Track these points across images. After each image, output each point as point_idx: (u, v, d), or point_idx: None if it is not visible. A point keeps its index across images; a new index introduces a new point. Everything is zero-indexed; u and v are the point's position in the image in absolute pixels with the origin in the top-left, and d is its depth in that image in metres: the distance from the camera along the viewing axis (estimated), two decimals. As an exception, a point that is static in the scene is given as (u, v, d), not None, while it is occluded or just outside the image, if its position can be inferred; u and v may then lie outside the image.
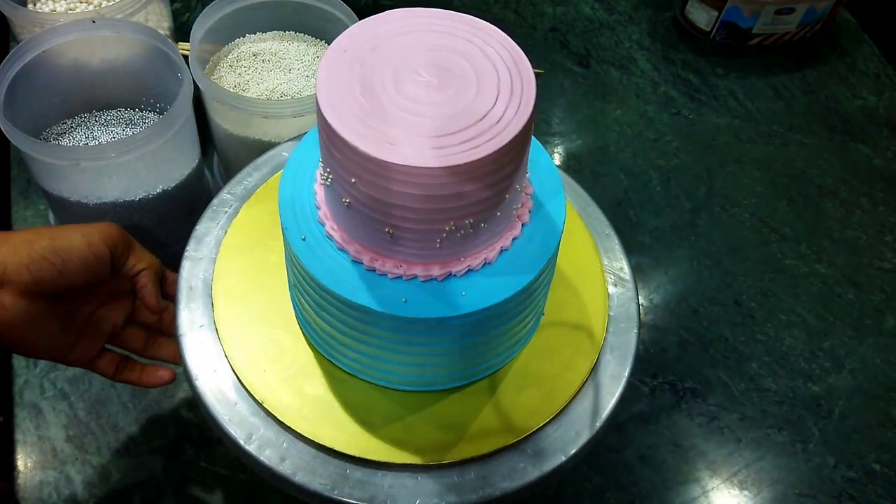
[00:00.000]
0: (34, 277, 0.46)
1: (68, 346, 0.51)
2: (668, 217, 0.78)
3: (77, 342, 0.51)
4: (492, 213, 0.39)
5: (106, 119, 0.68)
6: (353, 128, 0.35)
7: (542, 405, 0.46)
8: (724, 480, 0.62)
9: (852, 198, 0.81)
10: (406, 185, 0.35)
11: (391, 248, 0.39)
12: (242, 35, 0.71)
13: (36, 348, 0.49)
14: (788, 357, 0.69)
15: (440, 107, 0.36)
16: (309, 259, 0.41)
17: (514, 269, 0.41)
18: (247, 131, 0.64)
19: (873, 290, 0.74)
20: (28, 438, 0.59)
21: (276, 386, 0.45)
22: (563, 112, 0.86)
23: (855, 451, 0.64)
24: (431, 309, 0.39)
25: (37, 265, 0.46)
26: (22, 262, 0.46)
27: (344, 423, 0.44)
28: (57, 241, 0.47)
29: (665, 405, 0.65)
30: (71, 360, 0.51)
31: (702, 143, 0.84)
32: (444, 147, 0.35)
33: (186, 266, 0.50)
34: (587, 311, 0.50)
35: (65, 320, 0.50)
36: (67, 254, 0.47)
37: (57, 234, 0.48)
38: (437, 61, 0.38)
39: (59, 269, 0.47)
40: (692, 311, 0.71)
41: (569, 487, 0.60)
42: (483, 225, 0.39)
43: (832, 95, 0.90)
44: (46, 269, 0.46)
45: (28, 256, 0.46)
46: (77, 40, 0.62)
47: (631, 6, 0.97)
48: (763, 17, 0.89)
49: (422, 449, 0.43)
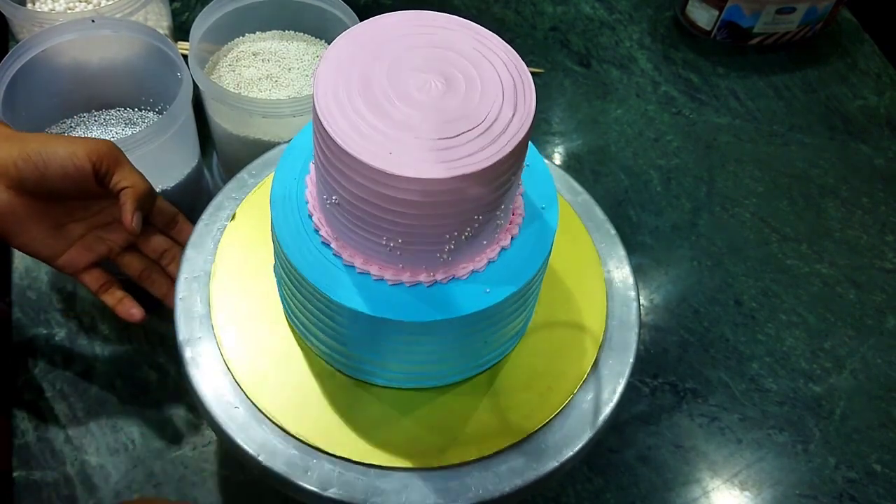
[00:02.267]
0: (20, 175, 0.50)
1: (55, 251, 0.54)
2: (668, 217, 0.77)
3: (66, 250, 0.54)
4: (486, 218, 0.38)
5: (105, 118, 0.68)
6: (350, 134, 0.35)
7: (541, 405, 0.46)
8: (725, 481, 0.62)
9: (853, 198, 0.81)
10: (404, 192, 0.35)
11: (384, 252, 0.39)
12: (242, 34, 0.71)
13: (21, 243, 0.53)
14: (789, 357, 0.69)
15: (440, 112, 0.36)
16: (299, 260, 0.40)
17: (508, 272, 0.41)
18: (246, 131, 0.64)
19: (874, 290, 0.74)
20: (28, 439, 0.59)
21: (276, 388, 0.45)
22: (564, 112, 0.85)
23: (856, 452, 0.64)
24: (424, 313, 0.39)
25: (23, 163, 0.50)
26: (11, 158, 0.49)
27: (340, 428, 0.44)
28: (45, 145, 0.50)
29: (665, 406, 0.65)
30: (57, 265, 0.54)
31: (702, 143, 0.84)
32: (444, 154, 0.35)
33: (185, 266, 0.50)
34: (587, 311, 0.49)
35: (55, 225, 0.53)
36: (50, 159, 0.50)
37: (48, 140, 0.51)
38: (436, 66, 0.37)
39: (41, 171, 0.50)
40: (693, 312, 0.71)
41: (569, 488, 0.60)
42: (479, 229, 0.39)
43: (833, 95, 0.90)
44: (30, 169, 0.50)
45: (18, 154, 0.50)
46: (76, 40, 0.62)
47: (631, 5, 0.97)
48: (764, 17, 0.89)
49: (420, 452, 0.43)
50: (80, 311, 0.65)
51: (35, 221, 0.52)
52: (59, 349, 0.63)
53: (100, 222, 0.56)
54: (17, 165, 0.50)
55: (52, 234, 0.53)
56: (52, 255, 0.54)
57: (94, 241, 0.55)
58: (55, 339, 0.64)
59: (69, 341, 0.64)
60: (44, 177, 0.50)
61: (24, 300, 0.65)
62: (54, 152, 0.50)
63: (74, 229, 0.55)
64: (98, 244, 0.55)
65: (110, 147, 0.52)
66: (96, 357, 0.63)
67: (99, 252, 0.55)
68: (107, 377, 0.62)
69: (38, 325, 0.64)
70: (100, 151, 0.51)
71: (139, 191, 0.52)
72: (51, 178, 0.50)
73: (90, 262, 0.55)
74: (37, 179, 0.50)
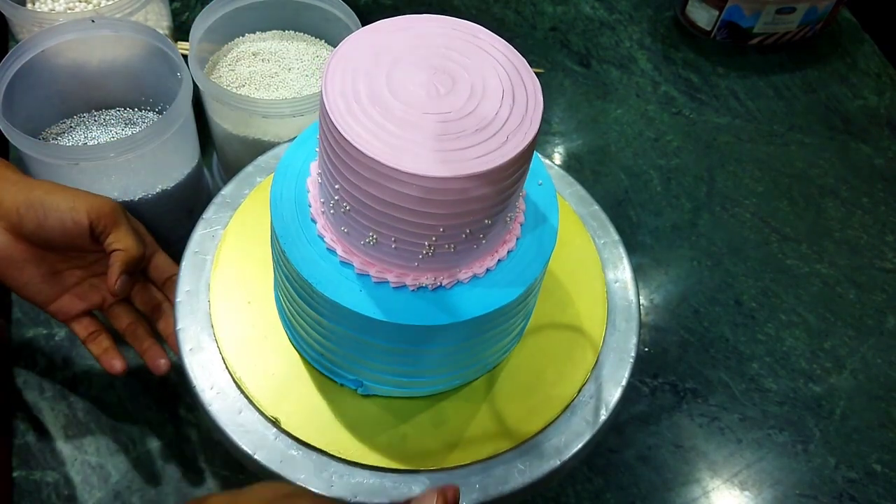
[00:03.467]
0: (21, 221, 0.50)
1: (48, 297, 0.54)
2: (668, 217, 0.77)
3: (60, 296, 0.55)
4: (491, 222, 0.38)
5: (105, 119, 0.68)
6: (361, 133, 0.35)
7: (542, 406, 0.46)
8: (725, 481, 0.62)
9: (853, 198, 0.81)
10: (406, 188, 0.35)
11: (384, 254, 0.39)
12: (242, 34, 0.71)
13: (16, 286, 0.53)
14: (789, 357, 0.69)
15: (448, 113, 0.36)
16: (299, 260, 0.40)
17: (509, 276, 0.41)
18: (246, 131, 0.64)
19: (874, 290, 0.74)
20: (27, 439, 0.59)
21: (277, 388, 0.45)
22: (564, 112, 0.85)
23: (856, 452, 0.64)
24: (425, 317, 0.39)
25: (24, 210, 0.50)
26: (15, 204, 0.50)
27: (340, 430, 0.44)
28: (49, 196, 0.51)
29: (665, 406, 0.65)
30: (49, 310, 0.55)
31: (702, 143, 0.84)
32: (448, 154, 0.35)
33: (185, 266, 0.50)
34: (587, 312, 0.49)
35: (51, 272, 0.54)
36: (50, 211, 0.50)
37: (53, 191, 0.51)
38: (444, 68, 0.37)
39: (40, 220, 0.51)
40: (693, 312, 0.71)
41: (569, 488, 0.60)
42: (481, 234, 0.39)
43: (833, 95, 0.90)
44: (30, 217, 0.50)
45: (22, 200, 0.50)
46: (76, 40, 0.62)
47: (631, 5, 0.97)
48: (764, 17, 0.89)
49: (421, 454, 0.43)
50: (79, 311, 0.65)
51: (31, 266, 0.53)
52: (59, 349, 0.63)
53: (95, 272, 0.56)
54: (20, 212, 0.50)
55: (46, 279, 0.54)
56: (46, 301, 0.54)
57: (87, 290, 0.56)
58: (55, 340, 0.64)
59: (69, 341, 0.64)
60: (41, 227, 0.51)
61: (25, 300, 0.65)
62: (56, 204, 0.51)
63: (69, 277, 0.55)
64: (91, 293, 0.56)
65: (112, 207, 0.52)
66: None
67: (92, 301, 0.56)
68: (107, 377, 0.62)
69: (38, 326, 0.64)
70: (100, 210, 0.51)
71: (130, 255, 0.52)
72: (48, 229, 0.51)
73: (82, 310, 0.55)
74: (35, 228, 0.51)
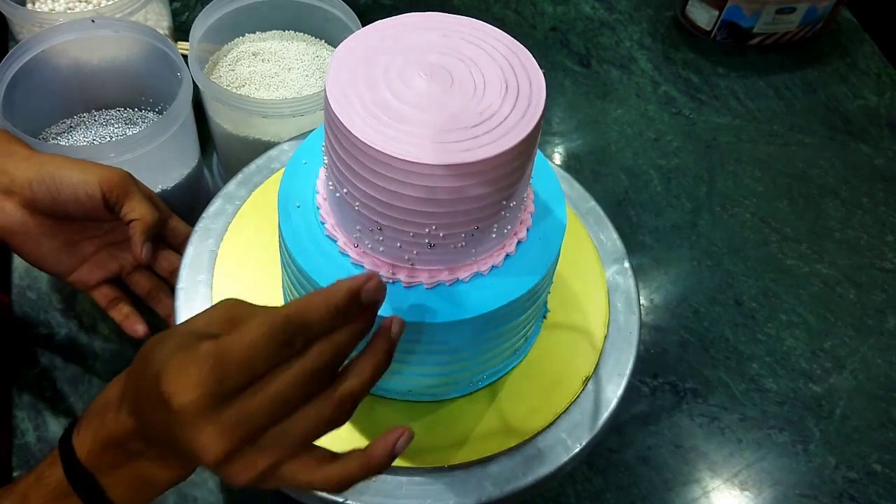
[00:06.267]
0: (34, 195, 0.51)
1: (67, 268, 0.55)
2: (668, 217, 0.77)
3: (78, 266, 0.55)
4: (498, 217, 0.38)
5: (105, 119, 0.68)
6: (364, 126, 0.35)
7: (542, 406, 0.46)
8: (725, 481, 0.62)
9: (853, 198, 0.81)
10: (409, 182, 0.35)
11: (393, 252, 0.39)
12: (242, 34, 0.71)
13: (34, 259, 0.54)
14: (789, 357, 0.69)
15: (449, 106, 0.36)
16: (306, 260, 0.40)
17: (517, 273, 0.41)
18: (246, 131, 0.64)
19: (874, 290, 0.74)
20: (27, 439, 0.59)
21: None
22: (564, 112, 0.85)
23: (856, 452, 0.64)
24: (433, 314, 0.39)
25: (37, 185, 0.51)
26: (27, 179, 0.51)
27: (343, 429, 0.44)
28: (60, 170, 0.51)
29: (666, 406, 0.65)
30: (69, 281, 0.56)
31: (702, 143, 0.84)
32: (449, 145, 0.35)
33: (185, 266, 0.50)
34: (588, 312, 0.49)
35: (68, 243, 0.54)
36: (62, 184, 0.51)
37: (64, 165, 0.52)
38: (447, 63, 0.37)
39: (53, 195, 0.51)
40: (693, 312, 0.71)
41: (569, 488, 0.60)
42: (488, 229, 0.39)
43: (833, 95, 0.90)
44: (43, 191, 0.51)
45: (34, 175, 0.51)
46: (76, 40, 0.62)
47: (631, 5, 0.97)
48: (764, 17, 0.89)
49: (423, 453, 0.43)
50: (80, 311, 0.65)
51: (48, 239, 0.53)
52: (59, 349, 0.63)
53: (112, 240, 0.56)
54: (32, 187, 0.51)
55: (64, 251, 0.54)
56: (65, 272, 0.55)
57: (105, 259, 0.56)
58: (55, 340, 0.64)
59: (69, 341, 0.64)
60: (55, 200, 0.51)
61: (24, 300, 0.65)
62: (68, 178, 0.51)
63: (86, 247, 0.55)
64: (110, 262, 0.56)
65: (123, 177, 0.52)
66: (96, 357, 0.63)
67: (110, 270, 0.56)
68: (107, 377, 0.62)
69: (38, 326, 0.64)
70: (112, 181, 0.52)
71: (147, 222, 0.52)
72: (62, 203, 0.51)
73: (101, 279, 0.56)
74: (49, 202, 0.51)
